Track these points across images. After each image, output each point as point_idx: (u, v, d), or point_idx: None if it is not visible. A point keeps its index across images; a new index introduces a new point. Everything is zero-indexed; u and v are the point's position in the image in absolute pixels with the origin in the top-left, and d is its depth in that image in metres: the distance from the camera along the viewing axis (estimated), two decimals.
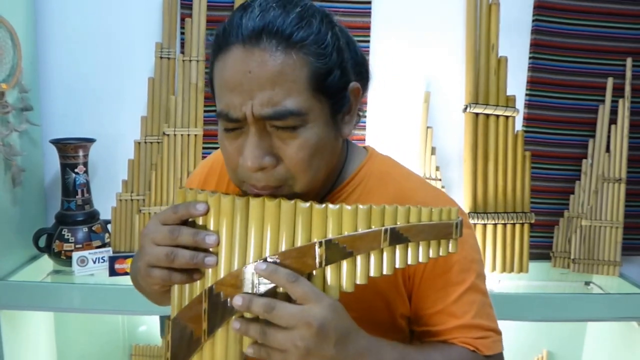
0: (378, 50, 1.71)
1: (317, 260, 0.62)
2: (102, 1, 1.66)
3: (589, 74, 1.74)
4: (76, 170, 1.57)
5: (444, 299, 0.73)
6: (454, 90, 1.72)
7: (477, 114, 1.65)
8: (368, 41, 1.70)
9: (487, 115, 1.65)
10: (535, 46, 1.73)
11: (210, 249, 0.63)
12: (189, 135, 1.66)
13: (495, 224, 1.66)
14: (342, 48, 0.67)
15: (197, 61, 1.65)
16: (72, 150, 1.55)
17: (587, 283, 1.70)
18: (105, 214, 1.66)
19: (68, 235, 1.56)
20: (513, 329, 1.76)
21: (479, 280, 0.75)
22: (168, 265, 0.63)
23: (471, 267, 0.75)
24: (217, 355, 0.64)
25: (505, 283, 1.66)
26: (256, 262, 0.62)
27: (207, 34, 1.64)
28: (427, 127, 1.71)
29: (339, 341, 0.60)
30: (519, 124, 1.73)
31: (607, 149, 1.74)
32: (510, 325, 1.64)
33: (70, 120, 1.69)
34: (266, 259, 0.62)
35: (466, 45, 1.66)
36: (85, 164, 1.58)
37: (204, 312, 0.63)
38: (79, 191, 1.57)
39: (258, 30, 0.61)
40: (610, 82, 1.73)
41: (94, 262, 1.55)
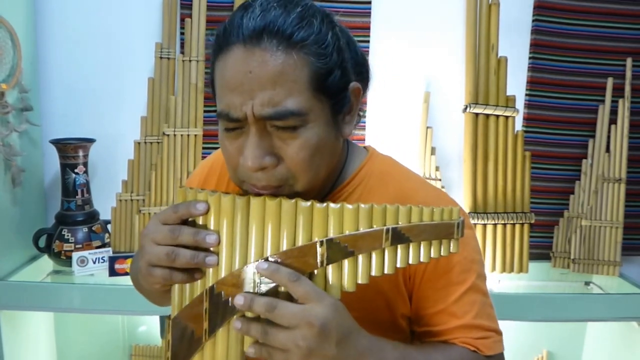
0: (378, 50, 1.71)
1: (319, 259, 0.62)
2: (102, 1, 1.66)
3: (589, 74, 1.74)
4: (76, 170, 1.57)
5: (444, 299, 0.73)
6: (454, 90, 1.72)
7: (477, 114, 1.65)
8: (368, 41, 1.70)
9: (487, 116, 1.65)
10: (535, 46, 1.73)
11: (211, 249, 0.63)
12: (188, 135, 1.66)
13: (495, 224, 1.66)
14: (342, 48, 0.67)
15: (197, 61, 1.65)
16: (72, 151, 1.55)
17: (587, 283, 1.70)
18: (105, 214, 1.66)
19: (68, 236, 1.56)
20: (513, 329, 1.76)
21: (480, 280, 0.75)
22: (169, 264, 0.63)
23: (472, 267, 0.74)
24: (218, 355, 0.64)
25: (505, 283, 1.66)
26: (257, 262, 0.62)
27: (207, 34, 1.64)
28: (427, 127, 1.71)
29: (341, 341, 0.60)
30: (519, 124, 1.73)
31: (607, 149, 1.74)
32: (510, 325, 1.64)
33: (70, 120, 1.69)
34: (267, 258, 0.62)
35: (466, 45, 1.66)
36: (85, 164, 1.58)
37: (205, 312, 0.63)
38: (79, 191, 1.57)
39: (259, 30, 0.61)
40: (610, 82, 1.73)
41: (94, 262, 1.55)
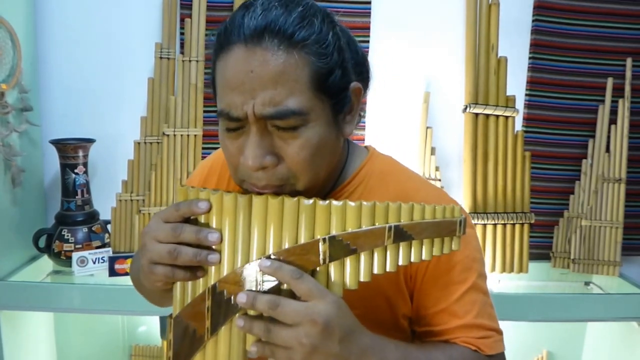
0: (378, 51, 1.71)
1: (321, 257, 0.61)
2: (102, 1, 1.66)
3: (589, 74, 1.74)
4: (76, 170, 1.57)
5: (446, 299, 0.73)
6: (454, 90, 1.72)
7: (476, 114, 1.65)
8: (368, 41, 1.70)
9: (487, 116, 1.65)
10: (535, 46, 1.72)
11: (213, 247, 0.63)
12: (188, 135, 1.66)
13: (495, 224, 1.66)
14: (343, 48, 0.67)
15: (197, 61, 1.65)
16: (71, 151, 1.55)
17: (587, 283, 1.70)
18: (105, 214, 1.66)
19: (68, 236, 1.56)
20: (513, 329, 1.76)
21: (481, 280, 0.75)
22: (171, 262, 0.63)
23: (473, 266, 0.74)
24: (220, 353, 0.64)
25: (505, 283, 1.66)
26: (260, 259, 0.62)
27: (206, 34, 1.64)
28: (427, 127, 1.71)
29: (344, 338, 0.60)
30: (518, 124, 1.73)
31: (607, 149, 1.74)
32: (510, 325, 1.63)
33: (70, 120, 1.69)
34: (270, 256, 0.62)
35: (466, 46, 1.66)
36: (85, 164, 1.58)
37: (207, 310, 0.63)
38: (79, 191, 1.57)
39: (260, 30, 0.61)
40: (610, 82, 1.73)
41: (94, 263, 1.55)
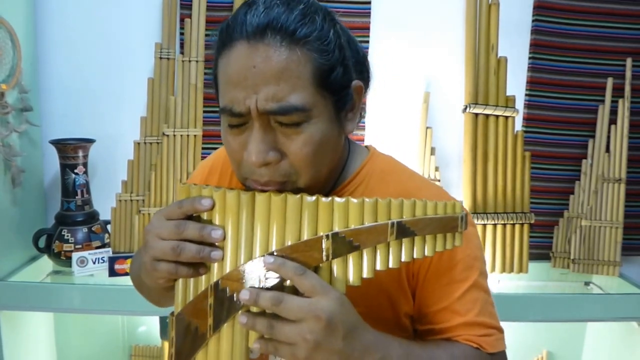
0: (378, 51, 1.71)
1: (324, 253, 0.61)
2: (102, 1, 1.66)
3: (589, 74, 1.74)
4: (76, 170, 1.57)
5: (448, 296, 0.73)
6: (454, 90, 1.72)
7: (476, 114, 1.65)
8: (368, 41, 1.70)
9: (487, 116, 1.65)
10: (534, 46, 1.72)
11: (216, 244, 0.63)
12: (188, 135, 1.66)
13: (495, 224, 1.66)
14: (343, 46, 0.67)
15: (197, 62, 1.65)
16: (71, 151, 1.55)
17: (587, 283, 1.70)
18: (104, 214, 1.66)
19: (68, 236, 1.56)
20: (513, 329, 1.75)
21: (482, 278, 0.75)
22: (174, 259, 0.63)
23: (474, 264, 0.75)
24: (223, 350, 0.64)
25: (505, 283, 1.66)
26: (263, 256, 0.62)
27: (206, 35, 1.64)
28: (427, 128, 1.71)
29: (347, 335, 0.60)
30: (518, 124, 1.73)
31: (607, 149, 1.74)
32: (510, 326, 1.63)
33: (69, 120, 1.69)
34: (273, 252, 0.62)
35: (466, 46, 1.66)
36: (85, 165, 1.58)
37: (210, 307, 0.63)
38: (79, 192, 1.57)
39: (262, 27, 0.62)
40: (610, 82, 1.73)
41: (94, 263, 1.55)
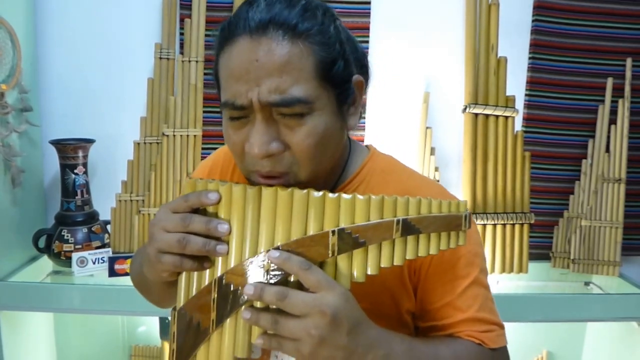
0: (378, 51, 1.71)
1: (330, 249, 0.61)
2: (101, 2, 1.66)
3: (589, 74, 1.74)
4: (76, 170, 1.57)
5: (450, 293, 0.74)
6: (454, 90, 1.72)
7: (476, 114, 1.65)
8: (367, 41, 1.70)
9: (487, 116, 1.65)
10: (534, 46, 1.72)
11: (222, 238, 0.63)
12: (188, 135, 1.66)
13: (494, 224, 1.66)
14: (344, 41, 0.68)
15: (197, 62, 1.65)
16: (71, 151, 1.55)
17: (587, 283, 1.70)
18: (104, 214, 1.66)
19: (68, 236, 1.56)
20: (513, 329, 1.75)
21: (482, 274, 0.76)
22: (180, 251, 0.62)
23: (475, 261, 0.75)
24: (225, 346, 0.63)
25: (505, 283, 1.66)
26: (268, 251, 0.61)
27: (206, 35, 1.64)
28: (427, 128, 1.71)
29: (351, 330, 0.60)
30: (518, 124, 1.73)
31: (607, 149, 1.74)
32: (510, 326, 1.63)
33: (69, 120, 1.70)
34: (278, 247, 0.62)
35: (466, 46, 1.66)
36: (85, 165, 1.58)
37: (213, 302, 0.62)
38: (79, 192, 1.57)
39: (265, 22, 0.63)
40: (610, 82, 1.73)
41: (94, 263, 1.55)
